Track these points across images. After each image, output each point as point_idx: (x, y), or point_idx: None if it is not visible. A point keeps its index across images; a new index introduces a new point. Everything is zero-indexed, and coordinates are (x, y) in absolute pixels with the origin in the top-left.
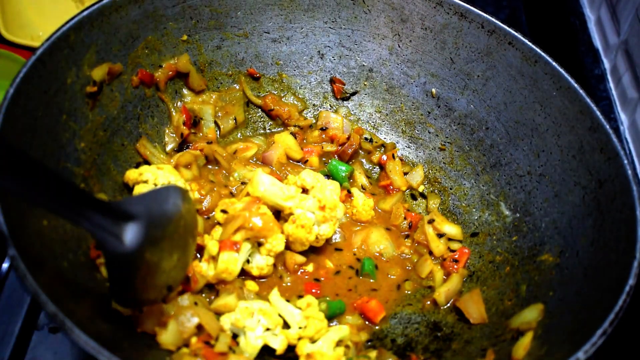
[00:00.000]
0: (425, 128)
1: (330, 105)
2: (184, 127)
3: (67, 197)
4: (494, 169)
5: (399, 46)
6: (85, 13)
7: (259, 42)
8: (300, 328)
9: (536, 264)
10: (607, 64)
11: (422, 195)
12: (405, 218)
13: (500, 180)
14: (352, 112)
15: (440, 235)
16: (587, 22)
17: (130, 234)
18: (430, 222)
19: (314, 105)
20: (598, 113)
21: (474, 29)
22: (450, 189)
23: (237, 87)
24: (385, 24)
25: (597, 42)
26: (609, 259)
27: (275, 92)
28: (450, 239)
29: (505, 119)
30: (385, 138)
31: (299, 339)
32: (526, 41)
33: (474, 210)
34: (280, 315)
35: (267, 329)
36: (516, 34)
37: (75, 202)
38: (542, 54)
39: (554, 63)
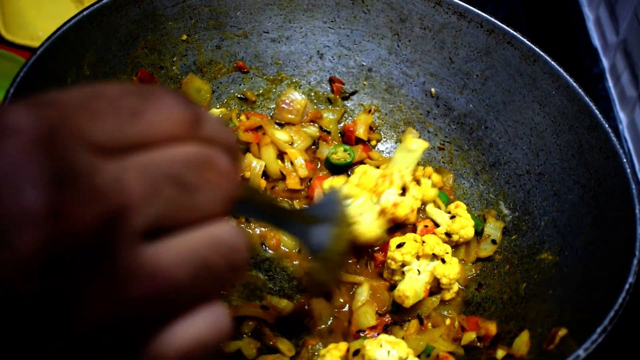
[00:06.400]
0: (425, 127)
1: (329, 105)
2: None
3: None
4: (493, 168)
5: (398, 46)
6: (84, 13)
7: (259, 41)
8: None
9: (536, 262)
10: (605, 63)
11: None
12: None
13: (499, 180)
14: (351, 112)
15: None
16: (585, 21)
17: (318, 234)
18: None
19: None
20: (597, 112)
21: (473, 28)
22: (450, 188)
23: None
24: (384, 23)
25: (596, 41)
26: (608, 257)
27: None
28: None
29: (504, 118)
30: (384, 138)
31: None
32: (525, 40)
33: (474, 209)
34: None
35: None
36: (515, 33)
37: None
38: (541, 53)
39: (552, 62)
